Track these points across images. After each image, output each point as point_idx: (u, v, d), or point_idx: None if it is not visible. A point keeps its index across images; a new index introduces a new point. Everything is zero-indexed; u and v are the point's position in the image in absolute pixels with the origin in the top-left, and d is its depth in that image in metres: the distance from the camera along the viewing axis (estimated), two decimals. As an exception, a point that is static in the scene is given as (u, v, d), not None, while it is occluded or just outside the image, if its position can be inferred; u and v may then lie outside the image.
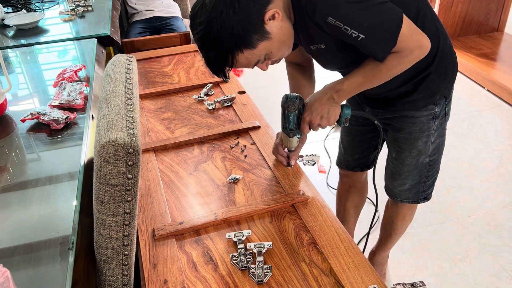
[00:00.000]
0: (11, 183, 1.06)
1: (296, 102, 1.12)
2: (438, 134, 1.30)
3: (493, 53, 3.34)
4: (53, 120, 1.25)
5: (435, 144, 1.31)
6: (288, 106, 1.13)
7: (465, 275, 1.77)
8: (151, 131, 1.44)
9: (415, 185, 1.39)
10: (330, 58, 1.14)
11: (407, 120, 1.27)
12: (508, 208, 2.09)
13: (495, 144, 2.54)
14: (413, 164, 1.34)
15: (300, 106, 1.14)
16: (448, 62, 1.20)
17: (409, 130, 1.28)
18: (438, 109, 1.25)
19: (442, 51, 1.17)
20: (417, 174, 1.36)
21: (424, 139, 1.29)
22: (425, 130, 1.27)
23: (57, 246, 0.86)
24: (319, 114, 1.12)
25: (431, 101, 1.22)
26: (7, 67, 1.67)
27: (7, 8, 2.26)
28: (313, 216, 1.08)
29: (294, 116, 1.14)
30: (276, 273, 0.94)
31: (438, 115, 1.26)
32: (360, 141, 1.50)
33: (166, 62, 1.93)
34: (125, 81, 1.01)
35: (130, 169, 0.82)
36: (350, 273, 0.93)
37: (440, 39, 1.16)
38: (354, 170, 1.58)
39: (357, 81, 1.08)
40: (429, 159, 1.33)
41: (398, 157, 1.35)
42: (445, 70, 1.20)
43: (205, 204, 1.13)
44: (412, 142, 1.30)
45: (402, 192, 1.42)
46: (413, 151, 1.31)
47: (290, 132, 1.16)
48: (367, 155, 1.52)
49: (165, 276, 0.93)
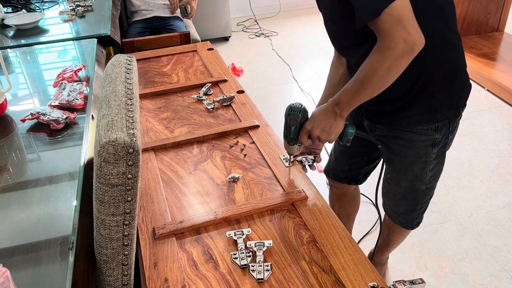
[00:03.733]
0: (11, 183, 1.06)
1: (298, 117, 1.11)
2: (437, 162, 1.24)
3: (493, 53, 3.34)
4: (53, 120, 1.25)
5: (433, 171, 1.26)
6: (291, 120, 1.12)
7: (465, 275, 1.77)
8: (150, 131, 1.44)
9: (409, 211, 1.35)
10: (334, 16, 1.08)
11: (403, 142, 1.21)
12: (508, 208, 2.09)
13: (495, 144, 2.54)
14: (409, 188, 1.29)
15: (303, 120, 1.13)
16: (456, 81, 1.14)
17: (405, 153, 1.23)
18: (438, 135, 1.17)
19: (450, 66, 1.11)
20: (413, 200, 1.32)
21: (421, 164, 1.23)
22: (423, 156, 1.21)
23: (57, 246, 0.86)
24: (319, 126, 1.10)
25: (430, 118, 1.15)
26: (7, 67, 1.67)
27: (7, 8, 2.26)
28: (312, 214, 1.08)
29: (295, 129, 1.14)
30: (276, 271, 0.94)
31: (438, 143, 1.19)
32: (352, 154, 1.46)
33: (165, 62, 1.93)
34: (125, 81, 1.01)
35: (130, 169, 0.82)
36: (350, 271, 0.93)
37: (453, 54, 1.10)
38: (341, 181, 1.54)
39: (352, 89, 1.03)
40: (426, 186, 1.28)
41: (393, 178, 1.31)
42: (450, 88, 1.13)
43: (205, 203, 1.14)
44: (408, 166, 1.24)
45: (396, 214, 1.39)
46: (408, 174, 1.26)
47: (290, 141, 1.17)
48: (357, 169, 1.48)
49: (165, 274, 0.94)
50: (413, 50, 0.91)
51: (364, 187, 1.72)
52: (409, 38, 0.89)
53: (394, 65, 0.93)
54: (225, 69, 1.82)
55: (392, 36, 0.89)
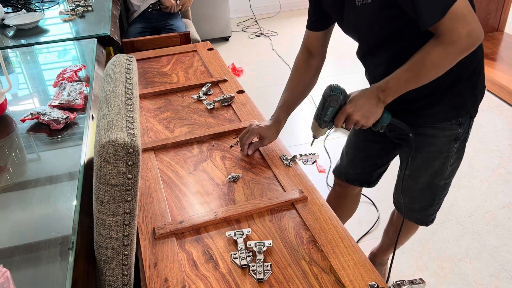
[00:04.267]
0: (11, 183, 1.06)
1: (340, 98, 1.08)
2: (457, 156, 1.23)
3: (493, 53, 3.34)
4: (53, 120, 1.25)
5: (453, 166, 1.24)
6: (331, 101, 1.08)
7: (465, 275, 1.77)
8: (150, 131, 1.44)
9: (426, 207, 1.33)
10: (370, 19, 1.06)
11: (426, 139, 1.20)
12: (508, 208, 2.09)
13: (495, 144, 2.54)
14: (427, 183, 1.27)
15: (342, 102, 1.09)
16: (479, 79, 1.14)
17: (427, 149, 1.22)
18: (461, 130, 1.18)
19: (476, 64, 1.11)
20: (430, 196, 1.30)
21: (442, 160, 1.22)
22: (445, 151, 1.20)
23: (57, 246, 0.86)
24: (361, 110, 1.07)
25: (452, 116, 1.15)
26: (7, 67, 1.67)
27: (7, 8, 2.26)
28: (312, 214, 1.08)
29: (333, 110, 1.10)
30: (276, 271, 0.94)
31: (460, 137, 1.19)
32: (365, 157, 1.44)
33: (164, 62, 1.93)
34: (125, 81, 1.01)
35: (130, 169, 0.82)
36: (350, 270, 0.93)
37: (479, 50, 1.10)
38: (353, 184, 1.51)
39: (403, 77, 1.02)
40: (444, 181, 1.27)
41: (412, 175, 1.29)
42: (475, 85, 1.13)
43: (205, 203, 1.14)
44: (429, 162, 1.23)
45: (412, 211, 1.36)
46: (429, 170, 1.24)
47: (323, 124, 1.13)
48: (370, 172, 1.46)
49: (165, 274, 0.94)
50: (475, 44, 0.94)
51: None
52: (473, 33, 0.92)
53: (455, 59, 0.96)
54: (225, 69, 1.82)
55: (457, 31, 0.91)
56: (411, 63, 1.00)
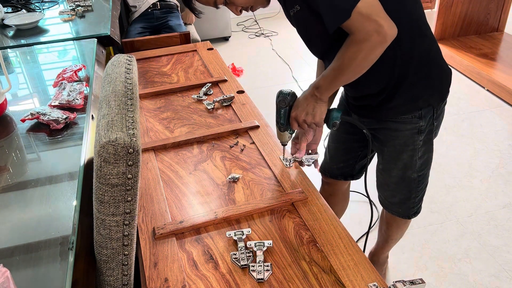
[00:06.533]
0: (11, 183, 1.06)
1: (287, 99, 1.16)
2: (425, 149, 1.27)
3: (493, 53, 3.34)
4: (53, 120, 1.25)
5: (423, 159, 1.29)
6: (280, 102, 1.17)
7: (465, 275, 1.77)
8: (150, 131, 1.44)
9: (404, 200, 1.38)
10: (307, 25, 1.14)
11: (390, 133, 1.26)
12: (508, 208, 2.09)
13: (495, 144, 2.54)
14: (400, 177, 1.32)
15: (291, 103, 1.17)
16: (433, 68, 1.17)
17: (393, 143, 1.27)
18: (423, 123, 1.21)
19: (424, 54, 1.14)
20: (406, 189, 1.34)
21: (409, 152, 1.26)
22: (410, 144, 1.25)
23: (57, 246, 0.86)
24: (304, 110, 1.15)
25: (413, 107, 1.19)
26: (7, 67, 1.67)
27: (7, 8, 2.26)
28: (312, 214, 1.08)
29: (285, 112, 1.18)
30: (276, 271, 0.94)
31: (424, 130, 1.23)
32: (346, 149, 1.49)
33: (164, 62, 1.93)
34: (125, 81, 1.01)
35: (130, 169, 0.82)
36: (350, 271, 0.93)
37: (424, 42, 1.13)
38: (337, 178, 1.56)
39: (330, 75, 1.09)
40: (417, 174, 1.31)
41: (384, 168, 1.35)
42: (429, 75, 1.16)
43: (205, 203, 1.14)
44: (397, 155, 1.28)
45: (393, 205, 1.42)
46: (399, 164, 1.29)
47: (281, 127, 1.21)
48: (352, 164, 1.51)
49: (165, 274, 0.94)
50: (386, 39, 0.98)
51: (362, 186, 1.72)
52: (381, 30, 0.96)
53: (369, 54, 1.00)
54: (225, 69, 1.82)
55: (365, 30, 0.96)
56: (334, 61, 1.07)
